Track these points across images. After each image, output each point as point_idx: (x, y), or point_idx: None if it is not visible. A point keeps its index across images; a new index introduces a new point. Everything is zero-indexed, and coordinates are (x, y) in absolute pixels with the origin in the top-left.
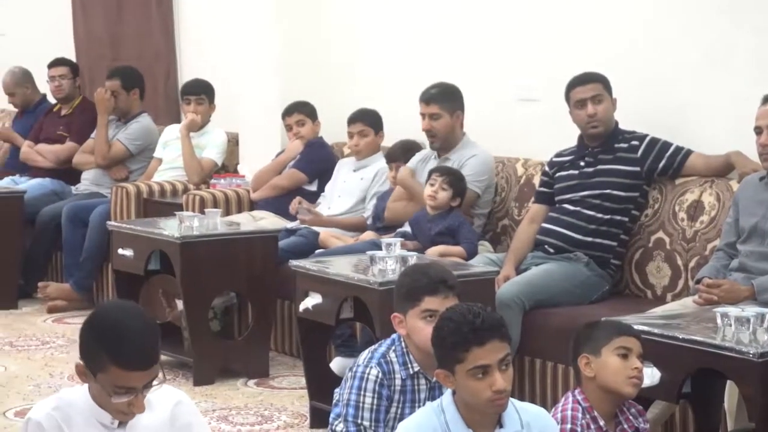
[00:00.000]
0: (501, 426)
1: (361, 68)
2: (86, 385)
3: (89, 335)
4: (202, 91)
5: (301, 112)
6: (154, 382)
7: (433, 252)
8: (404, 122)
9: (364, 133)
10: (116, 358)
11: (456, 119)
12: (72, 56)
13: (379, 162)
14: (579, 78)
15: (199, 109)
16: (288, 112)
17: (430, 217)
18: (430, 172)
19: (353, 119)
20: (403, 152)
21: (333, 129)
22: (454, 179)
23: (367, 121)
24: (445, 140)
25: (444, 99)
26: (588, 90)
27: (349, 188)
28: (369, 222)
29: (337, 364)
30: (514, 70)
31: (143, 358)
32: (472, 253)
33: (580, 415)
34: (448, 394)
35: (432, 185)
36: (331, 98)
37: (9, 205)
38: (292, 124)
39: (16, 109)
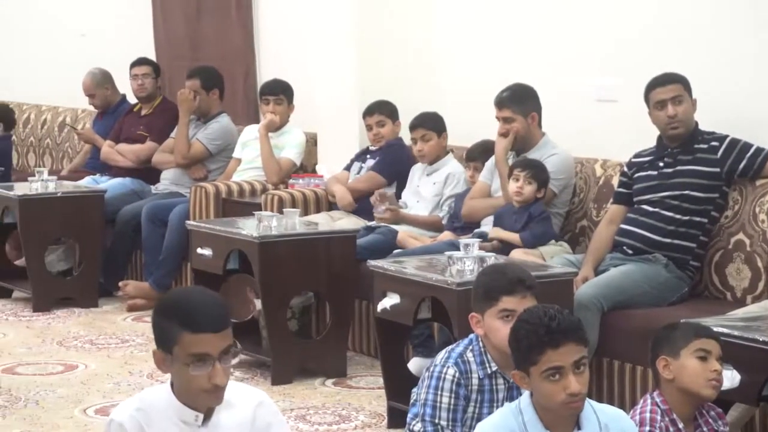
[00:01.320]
0: (579, 427)
1: (439, 68)
2: (168, 385)
3: (159, 315)
4: (280, 91)
5: (381, 112)
6: (233, 361)
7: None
8: (481, 122)
9: (427, 138)
10: (186, 321)
11: (531, 120)
12: (152, 57)
13: (449, 165)
14: (659, 79)
15: (278, 110)
16: (369, 111)
17: (516, 210)
18: (511, 168)
19: (414, 125)
20: (481, 152)
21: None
22: (537, 171)
23: (428, 125)
24: (522, 142)
25: (515, 101)
26: (668, 91)
27: (423, 193)
28: (445, 222)
29: (414, 364)
30: (593, 71)
31: (212, 320)
32: (528, 244)
33: (659, 418)
34: (526, 395)
35: (516, 180)
36: (409, 99)
37: (90, 205)
38: (372, 124)
39: (96, 110)
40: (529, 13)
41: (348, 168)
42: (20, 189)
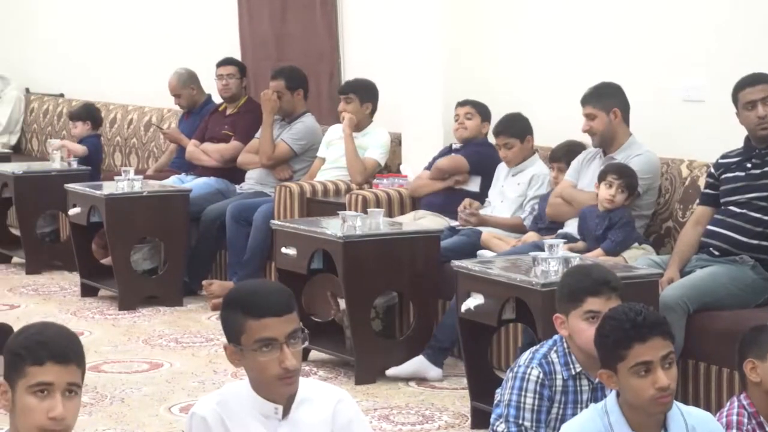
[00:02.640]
0: (665, 429)
1: (524, 69)
2: (247, 380)
3: (224, 309)
4: (350, 90)
5: (474, 106)
6: (302, 345)
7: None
8: (567, 123)
9: (510, 145)
10: (248, 309)
11: (614, 116)
12: (237, 57)
13: (534, 166)
14: (748, 79)
15: (348, 108)
16: (462, 103)
17: (599, 213)
18: (604, 173)
19: (497, 132)
20: (565, 153)
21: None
22: (631, 180)
23: (510, 132)
24: (605, 139)
25: (597, 98)
26: (758, 91)
27: (507, 193)
28: (528, 224)
29: (415, 363)
30: (680, 71)
31: (273, 304)
32: (610, 252)
33: (745, 421)
34: (612, 396)
35: (609, 186)
36: (495, 99)
37: (175, 204)
38: (461, 114)
39: (182, 110)
40: (616, 12)
41: (430, 166)
42: (107, 188)
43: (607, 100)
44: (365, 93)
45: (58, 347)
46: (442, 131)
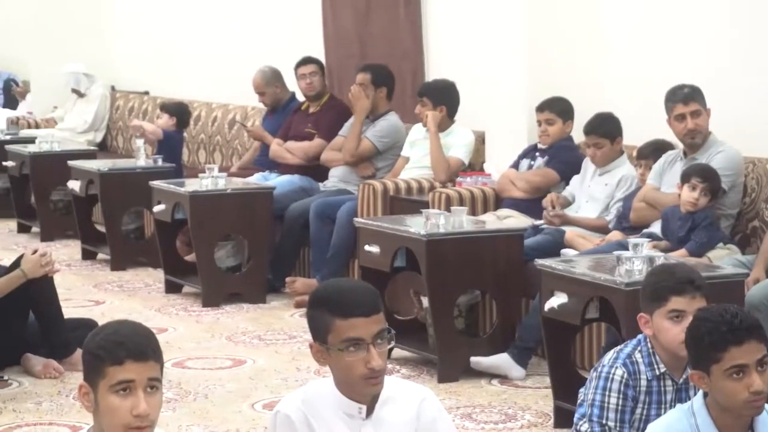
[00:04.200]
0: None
1: (609, 67)
2: (331, 379)
3: (312, 307)
4: (423, 93)
5: (552, 110)
6: (388, 345)
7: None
8: (652, 121)
9: (600, 145)
10: (336, 308)
11: (708, 116)
12: (320, 55)
13: (623, 167)
14: None
15: (423, 110)
16: (540, 108)
17: (682, 215)
18: (688, 175)
19: (587, 132)
20: (653, 151)
21: (580, 129)
22: (715, 183)
23: (600, 132)
24: (699, 138)
25: (700, 96)
26: None
27: (594, 193)
28: (612, 224)
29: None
30: (764, 68)
31: (361, 304)
32: (694, 253)
33: None
34: (699, 396)
35: (692, 189)
36: (579, 97)
37: (259, 201)
38: (542, 121)
39: (266, 108)
40: (700, 10)
41: (515, 165)
42: (191, 185)
43: (704, 100)
44: (438, 96)
45: (135, 345)
46: (526, 129)
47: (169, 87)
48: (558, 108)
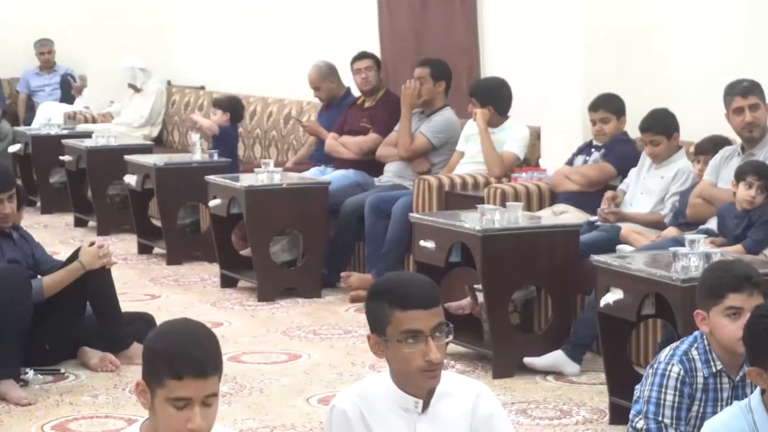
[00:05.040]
0: None
1: (666, 62)
2: (387, 373)
3: (371, 299)
4: (471, 93)
5: (606, 109)
6: (446, 339)
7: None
8: (710, 118)
9: (656, 142)
10: (396, 300)
11: (767, 111)
12: (376, 50)
13: (680, 161)
14: None
15: (474, 110)
16: (593, 107)
17: (737, 213)
18: (743, 173)
19: (643, 129)
20: (712, 146)
21: (638, 124)
22: None
23: (657, 129)
24: (762, 132)
25: (760, 90)
26: None
27: (649, 186)
28: (668, 219)
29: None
30: None
31: (421, 296)
32: (751, 251)
33: None
34: (756, 393)
35: (749, 187)
36: (636, 93)
37: (314, 196)
38: (597, 120)
39: (321, 103)
40: (759, 4)
41: (570, 162)
42: (246, 180)
43: (762, 93)
44: (486, 95)
45: (195, 362)
46: (581, 125)
47: (225, 82)
48: (611, 105)
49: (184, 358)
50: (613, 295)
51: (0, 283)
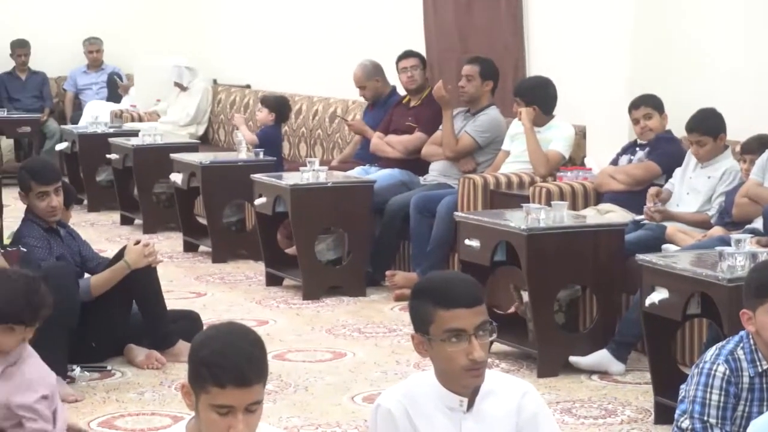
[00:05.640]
0: None
1: (711, 62)
2: (432, 372)
3: (414, 298)
4: (516, 93)
5: (648, 105)
6: (490, 338)
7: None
8: (756, 116)
9: (703, 143)
10: (439, 299)
11: None
12: (421, 49)
13: (726, 161)
14: None
15: (518, 109)
16: (635, 105)
17: None
18: None
19: (690, 129)
20: (758, 145)
21: (683, 124)
22: None
23: (703, 129)
24: None
25: None
26: None
27: (696, 185)
28: (714, 219)
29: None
30: None
31: (464, 295)
32: None
33: None
34: None
35: None
36: (681, 92)
37: (359, 195)
38: (639, 117)
39: (366, 102)
40: None
41: (615, 161)
42: (291, 179)
43: None
44: (530, 95)
45: (238, 371)
46: (627, 124)
47: (271, 81)
48: (652, 102)
49: (227, 368)
50: (659, 295)
51: (48, 280)
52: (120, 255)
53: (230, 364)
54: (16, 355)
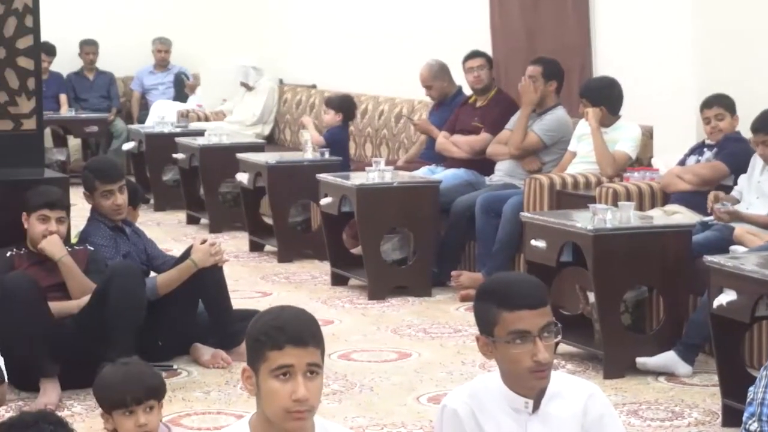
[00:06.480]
0: None
1: None
2: (497, 373)
3: (478, 300)
4: (581, 94)
5: (720, 105)
6: (555, 340)
7: None
8: None
9: None
10: (503, 300)
11: None
12: (487, 49)
13: None
14: None
15: (585, 110)
16: (707, 104)
17: None
18: None
19: (755, 130)
20: None
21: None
22: None
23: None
24: None
25: None
26: None
27: (764, 190)
28: None
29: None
30: None
31: (527, 297)
32: None
33: None
34: None
35: None
36: (750, 92)
37: (425, 195)
38: (711, 117)
39: (432, 102)
40: None
41: (683, 162)
42: (357, 178)
43: None
44: (596, 96)
45: (294, 331)
46: (694, 124)
47: (336, 81)
48: (725, 102)
49: (281, 328)
50: (727, 296)
51: (114, 279)
52: (186, 254)
53: (286, 324)
54: None
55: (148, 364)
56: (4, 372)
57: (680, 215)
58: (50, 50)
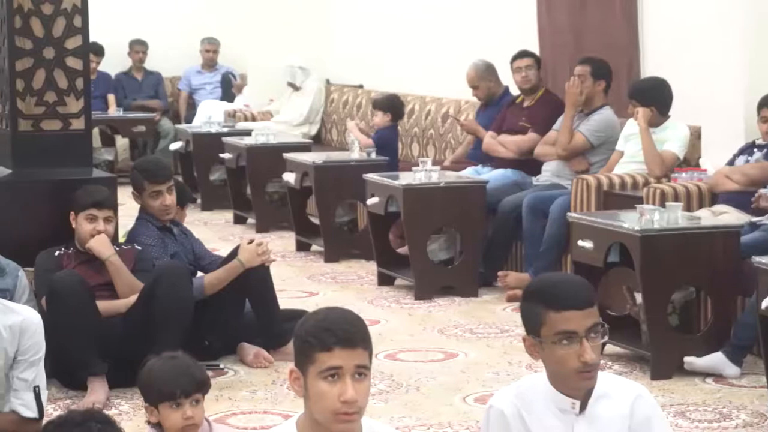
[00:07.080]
0: None
1: None
2: (544, 374)
3: (525, 300)
4: (629, 94)
5: None
6: (602, 340)
7: None
8: None
9: None
10: (549, 301)
11: None
12: (535, 49)
13: None
14: None
15: (634, 111)
16: (764, 104)
17: None
18: None
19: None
20: None
21: None
22: None
23: None
24: None
25: None
26: None
27: None
28: None
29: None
30: None
31: (574, 297)
32: None
33: None
34: None
35: None
36: None
37: (472, 195)
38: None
39: (479, 102)
40: None
41: (731, 162)
42: (404, 178)
43: None
44: (646, 96)
45: (343, 332)
46: (743, 125)
47: (383, 81)
48: None
49: (329, 330)
50: None
51: (162, 278)
52: (233, 254)
53: (335, 326)
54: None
55: (193, 358)
56: (44, 407)
57: (728, 216)
58: (98, 50)
